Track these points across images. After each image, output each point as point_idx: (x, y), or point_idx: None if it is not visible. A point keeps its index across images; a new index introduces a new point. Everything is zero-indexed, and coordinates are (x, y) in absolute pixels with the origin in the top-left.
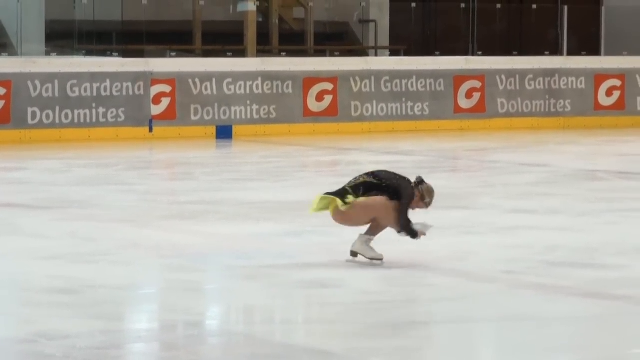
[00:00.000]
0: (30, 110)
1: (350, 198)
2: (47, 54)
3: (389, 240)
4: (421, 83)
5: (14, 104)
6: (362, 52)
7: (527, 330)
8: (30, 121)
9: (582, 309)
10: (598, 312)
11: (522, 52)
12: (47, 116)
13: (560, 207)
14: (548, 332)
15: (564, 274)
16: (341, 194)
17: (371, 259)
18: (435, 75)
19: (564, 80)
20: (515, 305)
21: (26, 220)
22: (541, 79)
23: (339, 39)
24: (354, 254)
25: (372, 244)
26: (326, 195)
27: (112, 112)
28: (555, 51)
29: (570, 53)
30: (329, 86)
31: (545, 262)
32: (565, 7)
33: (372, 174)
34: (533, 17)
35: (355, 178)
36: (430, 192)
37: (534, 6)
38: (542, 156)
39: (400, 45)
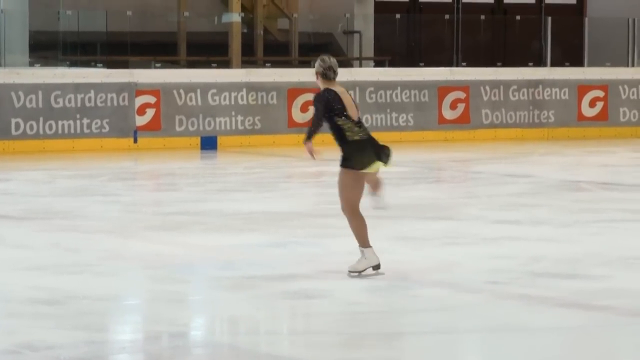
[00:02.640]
0: (13, 121)
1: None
2: (31, 64)
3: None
4: (405, 94)
5: None
6: (346, 63)
7: (512, 341)
8: (13, 132)
9: (567, 319)
10: (582, 322)
11: (506, 63)
12: (31, 127)
13: (544, 217)
14: (533, 343)
15: (549, 285)
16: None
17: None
18: (419, 86)
19: (547, 91)
20: (500, 316)
21: (9, 230)
22: (525, 90)
23: (324, 50)
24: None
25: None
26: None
27: (96, 123)
28: (539, 62)
29: (553, 64)
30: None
31: (529, 272)
32: (549, 19)
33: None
34: (517, 28)
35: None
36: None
37: (518, 17)
38: (526, 167)
39: (385, 56)
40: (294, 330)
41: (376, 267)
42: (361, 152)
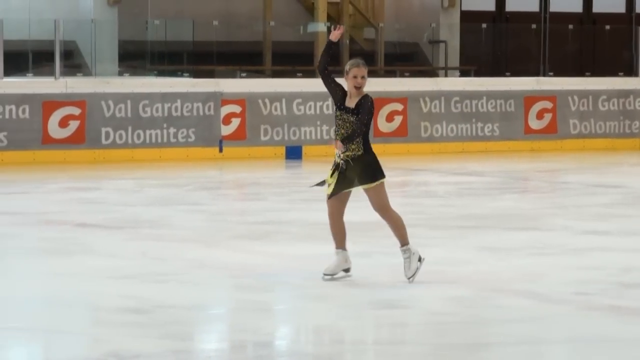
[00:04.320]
0: (104, 130)
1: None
2: (120, 74)
3: (459, 261)
4: (491, 104)
5: (88, 124)
6: (432, 73)
7: (600, 353)
8: (104, 141)
9: None
10: None
11: (595, 73)
12: (120, 136)
13: (634, 228)
14: (622, 355)
15: (638, 296)
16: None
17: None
18: (505, 95)
19: (639, 101)
20: (588, 327)
21: (98, 240)
22: (615, 100)
23: (409, 59)
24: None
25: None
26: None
27: (182, 132)
28: (630, 72)
29: None
30: (398, 107)
31: (619, 283)
32: (639, 28)
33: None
34: (606, 37)
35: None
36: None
37: (607, 27)
38: (616, 177)
39: (471, 65)
40: (379, 341)
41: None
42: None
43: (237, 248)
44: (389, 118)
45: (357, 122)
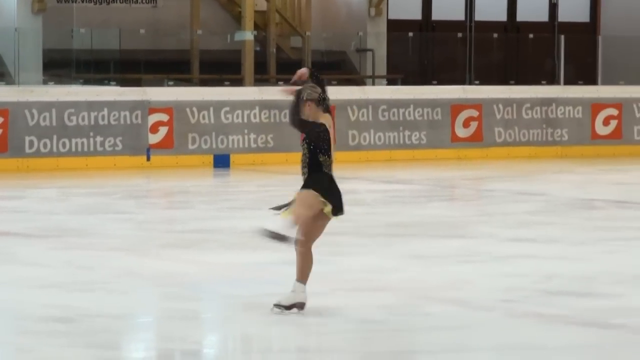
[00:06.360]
0: (27, 138)
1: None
2: (45, 82)
3: (387, 269)
4: (418, 112)
5: (11, 133)
6: (359, 81)
7: (525, 359)
8: (27, 150)
9: (580, 337)
10: (596, 341)
11: (519, 81)
12: (45, 145)
13: (557, 236)
14: None
15: (562, 303)
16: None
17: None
18: (432, 104)
19: (561, 110)
20: (513, 334)
21: (23, 248)
22: (538, 108)
23: (337, 68)
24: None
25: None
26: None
27: (109, 141)
28: (552, 80)
29: (567, 82)
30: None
31: (543, 290)
32: (562, 37)
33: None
34: (530, 46)
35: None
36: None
37: (531, 35)
38: (540, 185)
39: (398, 74)
40: (306, 349)
41: (302, 306)
42: (333, 190)
43: (165, 257)
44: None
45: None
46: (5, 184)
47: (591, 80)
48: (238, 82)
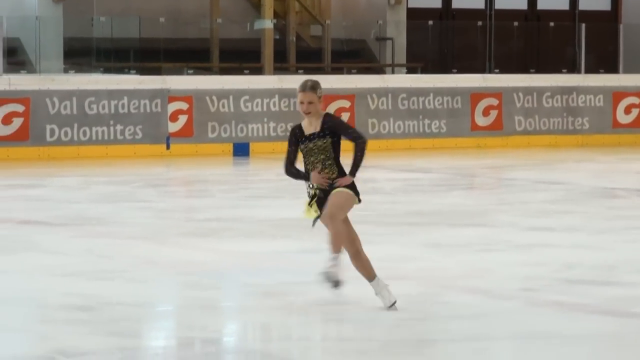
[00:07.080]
0: (48, 127)
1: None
2: (66, 71)
3: (406, 258)
4: (438, 101)
5: (32, 121)
6: (379, 70)
7: (545, 348)
8: (48, 138)
9: (601, 326)
10: (616, 329)
11: (540, 69)
12: (66, 133)
13: (578, 224)
14: (566, 350)
15: (583, 292)
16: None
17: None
18: (452, 92)
19: (582, 98)
20: (533, 323)
21: (44, 237)
22: (559, 97)
23: (356, 56)
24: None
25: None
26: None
27: (129, 130)
28: (573, 69)
29: (588, 71)
30: (346, 103)
31: (563, 279)
32: (583, 25)
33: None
34: (550, 34)
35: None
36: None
37: (551, 24)
38: (560, 174)
39: (418, 63)
40: (326, 337)
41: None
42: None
43: (185, 245)
44: (337, 115)
45: (353, 132)
46: (26, 172)
47: (612, 68)
48: (258, 70)
